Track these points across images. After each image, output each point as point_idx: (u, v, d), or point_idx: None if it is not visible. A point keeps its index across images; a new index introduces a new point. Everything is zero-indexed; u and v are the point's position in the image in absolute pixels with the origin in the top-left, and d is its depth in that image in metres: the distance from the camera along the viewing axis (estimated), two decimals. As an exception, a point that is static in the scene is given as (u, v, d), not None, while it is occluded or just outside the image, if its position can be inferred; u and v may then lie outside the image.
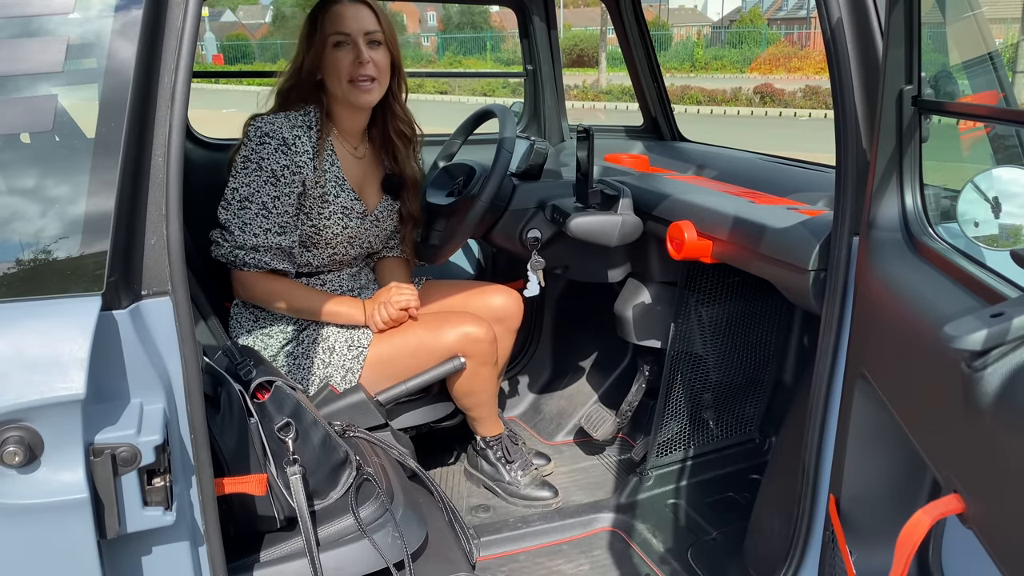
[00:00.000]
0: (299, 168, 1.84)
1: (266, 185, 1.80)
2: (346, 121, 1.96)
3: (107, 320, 1.00)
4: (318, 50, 1.87)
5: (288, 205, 1.84)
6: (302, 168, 1.84)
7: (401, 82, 2.01)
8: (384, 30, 1.89)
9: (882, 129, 1.21)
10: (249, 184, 1.81)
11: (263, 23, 47.97)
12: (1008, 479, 0.83)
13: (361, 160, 2.02)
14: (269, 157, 1.80)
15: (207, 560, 1.16)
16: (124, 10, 1.03)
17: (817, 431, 1.41)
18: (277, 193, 1.81)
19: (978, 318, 0.83)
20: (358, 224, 1.97)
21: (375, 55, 1.87)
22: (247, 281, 1.87)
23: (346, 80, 1.85)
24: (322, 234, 1.92)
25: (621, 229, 1.99)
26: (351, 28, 1.84)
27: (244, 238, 1.82)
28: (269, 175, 1.80)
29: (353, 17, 1.85)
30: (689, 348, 2.12)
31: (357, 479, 1.55)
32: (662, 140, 2.89)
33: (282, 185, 1.81)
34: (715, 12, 50.95)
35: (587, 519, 2.06)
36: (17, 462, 0.95)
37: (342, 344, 1.91)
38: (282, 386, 1.50)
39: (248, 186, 1.81)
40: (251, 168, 1.80)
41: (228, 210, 1.82)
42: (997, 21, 2.45)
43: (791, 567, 1.49)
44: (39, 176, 1.04)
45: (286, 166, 1.81)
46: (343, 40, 1.85)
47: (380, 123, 2.04)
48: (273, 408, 1.47)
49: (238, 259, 1.83)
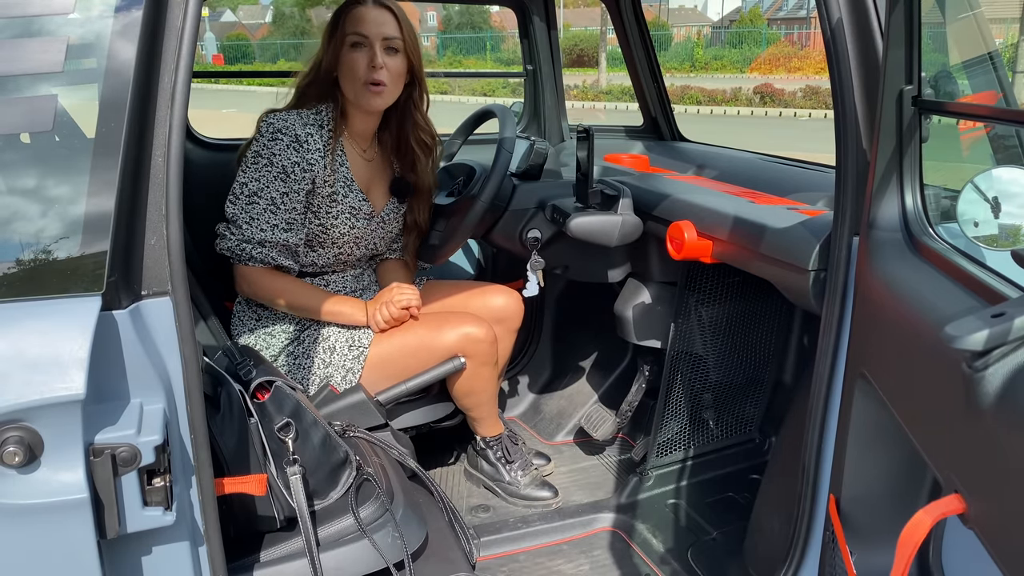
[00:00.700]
0: (310, 166, 1.84)
1: (276, 181, 1.81)
2: (358, 123, 1.97)
3: (107, 320, 1.00)
4: (336, 48, 1.88)
5: (297, 202, 1.84)
6: (313, 166, 1.84)
7: (422, 91, 2.01)
8: (405, 38, 1.89)
9: (882, 129, 1.21)
10: (259, 179, 1.81)
11: (263, 23, 47.96)
12: (1009, 479, 0.83)
13: (370, 163, 2.02)
14: (280, 153, 1.81)
15: (207, 560, 1.16)
16: (124, 10, 1.03)
17: (817, 431, 1.41)
18: (286, 189, 1.81)
19: (979, 318, 0.83)
20: (364, 225, 1.97)
21: (390, 61, 1.87)
22: (251, 276, 1.87)
23: (359, 82, 1.86)
24: (329, 233, 1.93)
25: (621, 229, 1.99)
26: (370, 31, 1.85)
27: (251, 232, 1.81)
28: (279, 171, 1.81)
29: (374, 21, 1.86)
30: (689, 348, 2.12)
31: (357, 479, 1.55)
32: (662, 140, 2.89)
33: (292, 182, 1.82)
34: (715, 12, 50.97)
35: (587, 519, 2.06)
36: (17, 462, 0.95)
37: (343, 344, 1.91)
38: (282, 386, 1.50)
39: (258, 181, 1.81)
40: (262, 163, 1.81)
41: (236, 204, 1.82)
42: (997, 21, 2.45)
43: (791, 567, 1.49)
44: (39, 176, 1.04)
45: (296, 163, 1.82)
46: (360, 42, 1.85)
47: (395, 128, 2.04)
48: (273, 408, 1.47)
49: (244, 253, 1.83)
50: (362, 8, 1.86)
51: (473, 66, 27.49)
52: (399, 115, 2.02)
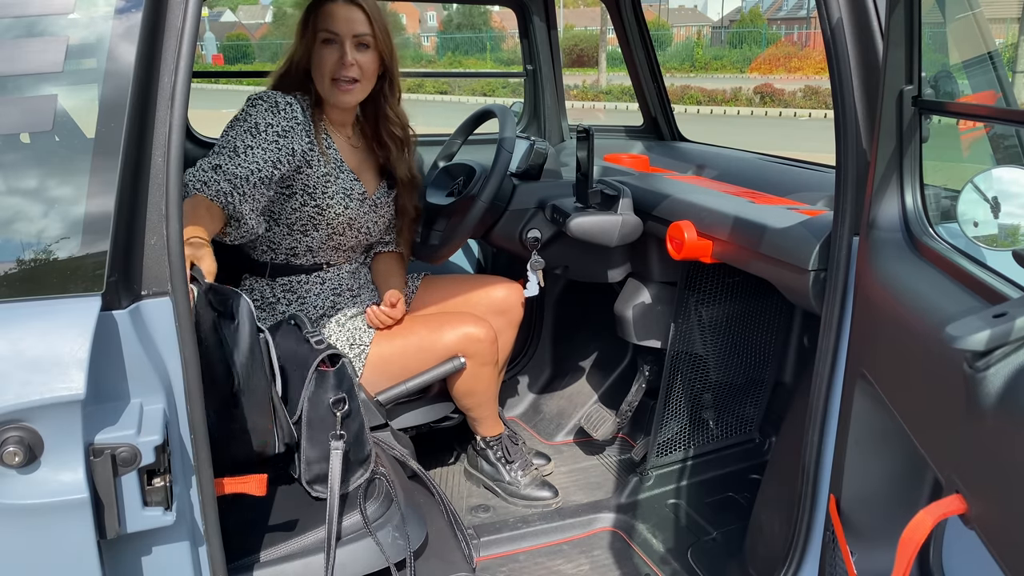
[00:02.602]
0: (286, 132, 1.80)
1: (245, 134, 1.76)
2: (334, 115, 1.97)
3: (107, 320, 1.00)
4: (308, 44, 1.88)
5: (260, 160, 1.75)
6: (289, 133, 1.80)
7: (393, 85, 2.01)
8: (376, 34, 1.89)
9: (882, 129, 1.21)
10: (227, 133, 1.78)
11: (263, 23, 47.98)
12: (1010, 479, 0.82)
13: (356, 148, 2.03)
14: (257, 114, 1.79)
15: (207, 560, 1.16)
16: (124, 10, 1.03)
17: (817, 431, 1.41)
18: (252, 143, 1.75)
19: (980, 318, 0.83)
20: (358, 206, 1.97)
21: (361, 57, 1.87)
22: (186, 207, 1.61)
23: (329, 78, 1.86)
24: (324, 214, 1.91)
25: (621, 229, 1.99)
26: (340, 29, 1.85)
27: (210, 160, 1.73)
28: (251, 126, 1.77)
29: (344, 18, 1.86)
30: (689, 348, 2.12)
31: (369, 477, 1.58)
32: (662, 140, 2.89)
33: (261, 139, 1.76)
34: (715, 12, 50.96)
35: (587, 519, 2.06)
36: (17, 462, 0.95)
37: (344, 343, 1.91)
38: (346, 363, 1.55)
39: (225, 135, 1.78)
40: (236, 123, 1.79)
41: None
42: (997, 21, 2.45)
43: (791, 567, 1.49)
44: (39, 176, 1.04)
45: (270, 124, 1.79)
46: (331, 38, 1.86)
47: (371, 120, 2.05)
48: (334, 381, 1.51)
49: (194, 176, 1.68)
50: (332, 5, 1.86)
51: (473, 66, 27.49)
52: (372, 108, 2.02)
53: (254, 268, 1.97)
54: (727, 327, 2.13)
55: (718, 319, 2.11)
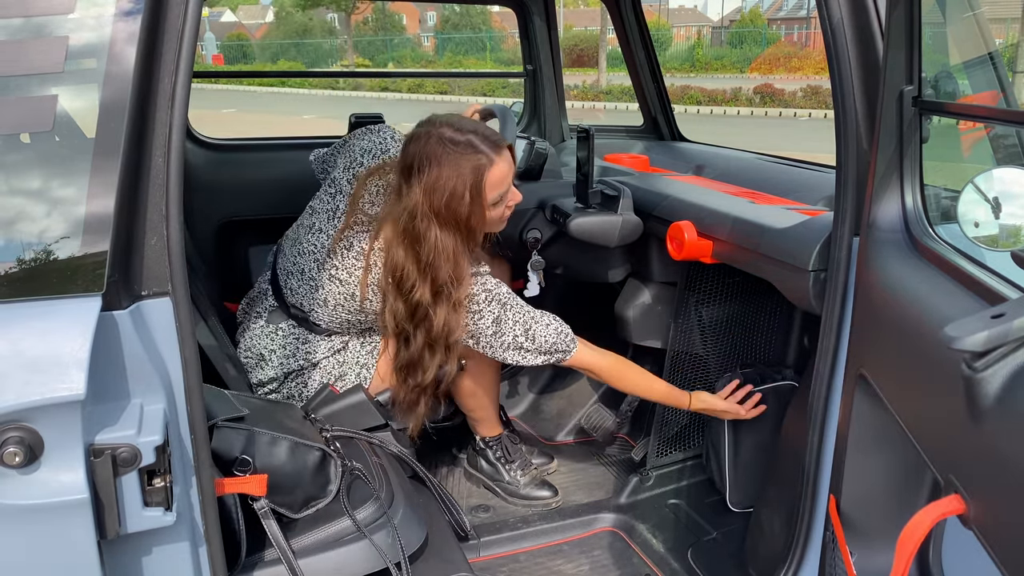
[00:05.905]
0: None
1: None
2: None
3: (107, 320, 1.00)
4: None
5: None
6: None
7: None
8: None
9: (882, 129, 1.21)
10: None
11: (263, 23, 47.95)
12: (1009, 480, 0.83)
13: None
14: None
15: (207, 560, 1.16)
16: (124, 11, 1.03)
17: (817, 431, 1.41)
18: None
19: (979, 319, 0.83)
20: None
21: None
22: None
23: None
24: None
25: (621, 229, 1.99)
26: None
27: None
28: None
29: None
30: (689, 348, 2.12)
31: (347, 478, 1.54)
32: (662, 140, 2.89)
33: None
34: (715, 12, 50.96)
35: (587, 519, 2.06)
36: (17, 462, 0.95)
37: (355, 341, 1.90)
38: (223, 426, 1.39)
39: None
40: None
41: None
42: (997, 21, 2.45)
43: (791, 567, 1.49)
44: (39, 176, 1.04)
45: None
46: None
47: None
48: (223, 450, 1.38)
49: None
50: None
51: (473, 66, 27.47)
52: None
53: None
54: (727, 327, 2.13)
55: (718, 319, 2.11)
